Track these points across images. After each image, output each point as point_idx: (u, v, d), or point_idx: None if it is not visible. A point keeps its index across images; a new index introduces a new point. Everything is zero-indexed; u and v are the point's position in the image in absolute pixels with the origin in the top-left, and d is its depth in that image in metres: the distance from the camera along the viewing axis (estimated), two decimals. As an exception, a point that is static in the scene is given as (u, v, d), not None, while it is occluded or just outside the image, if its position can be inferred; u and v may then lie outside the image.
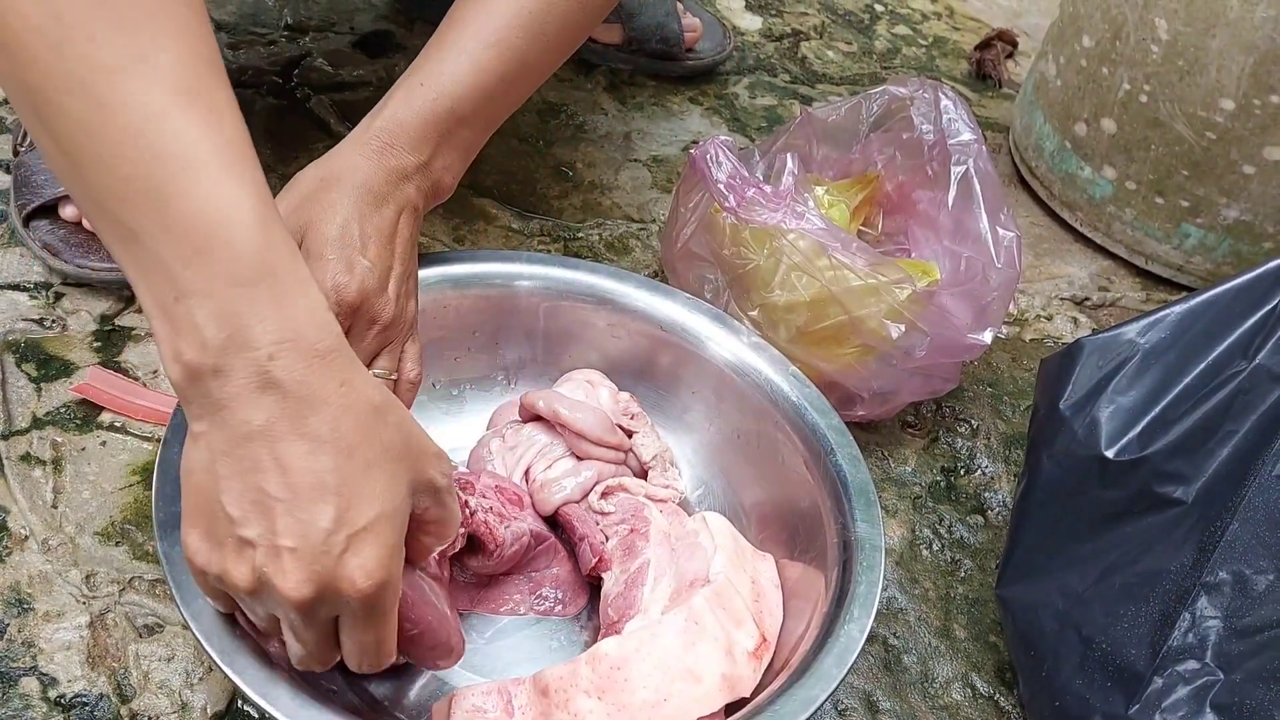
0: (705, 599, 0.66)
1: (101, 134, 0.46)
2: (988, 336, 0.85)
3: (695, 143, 1.21)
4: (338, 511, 0.48)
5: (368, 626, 0.52)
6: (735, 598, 0.67)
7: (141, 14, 0.46)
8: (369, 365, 0.68)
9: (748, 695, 0.64)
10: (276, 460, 0.48)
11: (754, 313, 0.84)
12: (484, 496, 0.71)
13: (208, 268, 0.46)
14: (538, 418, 0.79)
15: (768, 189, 0.84)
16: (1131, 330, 0.73)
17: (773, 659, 0.67)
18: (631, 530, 0.74)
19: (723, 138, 0.88)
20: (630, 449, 0.80)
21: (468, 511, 0.68)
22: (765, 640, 0.67)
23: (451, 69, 0.70)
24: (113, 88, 0.45)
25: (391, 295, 0.67)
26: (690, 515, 0.77)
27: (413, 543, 0.55)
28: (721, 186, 0.84)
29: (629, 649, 0.63)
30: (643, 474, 0.80)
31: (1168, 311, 0.72)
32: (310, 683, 0.58)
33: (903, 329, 0.82)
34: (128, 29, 0.46)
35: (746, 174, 0.85)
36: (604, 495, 0.77)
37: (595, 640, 0.71)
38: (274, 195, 0.53)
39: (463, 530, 0.67)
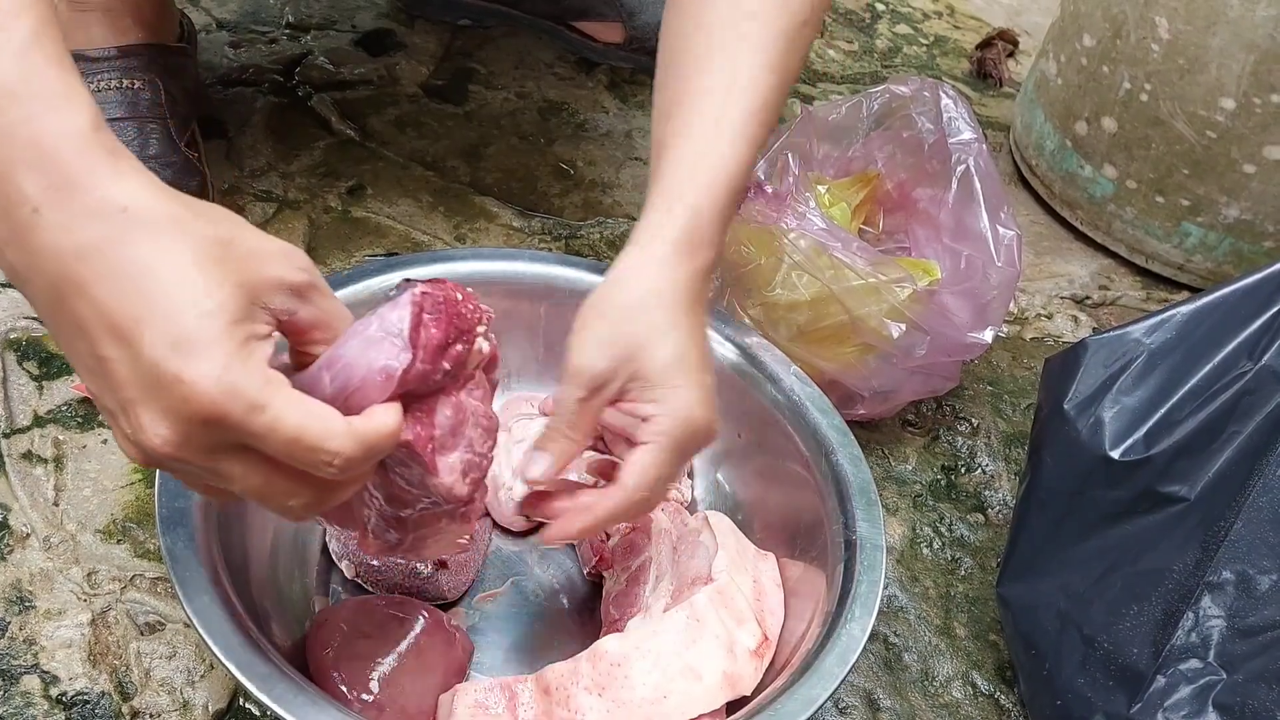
0: (707, 597, 0.66)
1: None
2: (988, 335, 0.85)
3: (696, 141, 1.21)
4: (152, 333, 0.43)
5: (266, 431, 0.45)
6: (737, 596, 0.67)
7: None
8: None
9: (749, 694, 0.64)
10: (79, 320, 0.44)
11: (755, 311, 0.84)
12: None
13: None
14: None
15: (769, 189, 0.84)
16: (1137, 330, 0.73)
17: (774, 657, 0.67)
18: (633, 528, 0.74)
19: None
20: None
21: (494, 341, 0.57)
22: (767, 639, 0.67)
23: (730, 150, 0.66)
24: None
25: (716, 413, 0.65)
26: (693, 514, 0.77)
27: (303, 356, 0.50)
28: None
29: (629, 646, 0.63)
30: None
31: (1174, 312, 0.72)
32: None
33: (903, 328, 0.82)
34: None
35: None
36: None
37: (597, 638, 0.71)
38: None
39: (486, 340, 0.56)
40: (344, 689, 0.63)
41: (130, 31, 0.93)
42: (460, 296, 0.53)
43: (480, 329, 0.54)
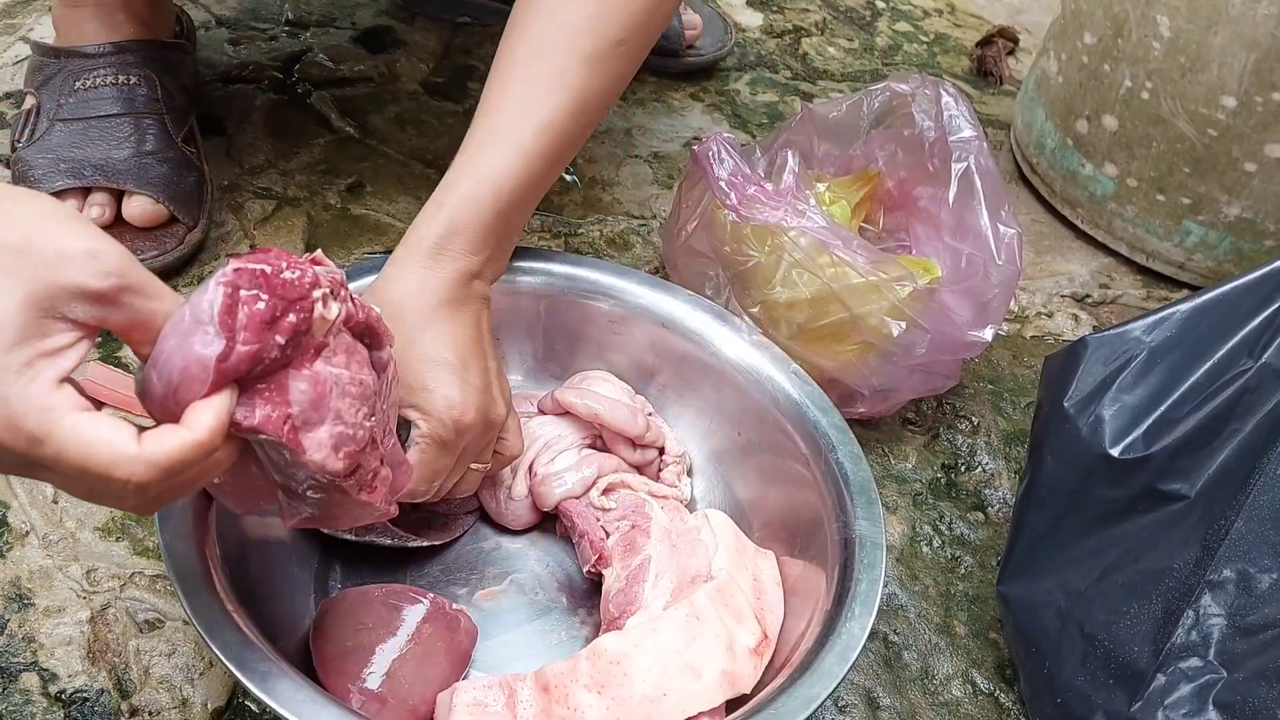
0: (707, 595, 0.66)
1: None
2: (988, 334, 0.85)
3: (696, 139, 1.21)
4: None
5: (51, 462, 0.44)
6: (737, 594, 0.67)
7: None
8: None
9: (748, 691, 0.64)
10: None
11: (755, 310, 0.84)
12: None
13: None
14: (551, 413, 0.79)
15: (769, 187, 0.84)
16: (1137, 328, 0.73)
17: (773, 656, 0.67)
18: (633, 526, 0.74)
19: (725, 135, 0.87)
20: (662, 449, 0.80)
21: (350, 305, 0.53)
22: (766, 637, 0.67)
23: (503, 162, 0.69)
24: None
25: (496, 394, 0.69)
26: (692, 512, 0.77)
27: (142, 356, 0.49)
28: (723, 184, 0.84)
29: (629, 644, 0.63)
30: (655, 474, 0.80)
31: (1174, 310, 0.72)
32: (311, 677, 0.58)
33: (903, 326, 0.82)
34: None
35: (748, 171, 0.85)
36: (605, 491, 0.77)
37: (596, 636, 0.71)
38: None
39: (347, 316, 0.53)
40: (347, 682, 0.63)
41: (124, 27, 0.93)
42: (285, 265, 0.49)
43: (318, 293, 0.50)
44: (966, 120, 0.90)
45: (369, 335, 0.54)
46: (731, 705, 0.64)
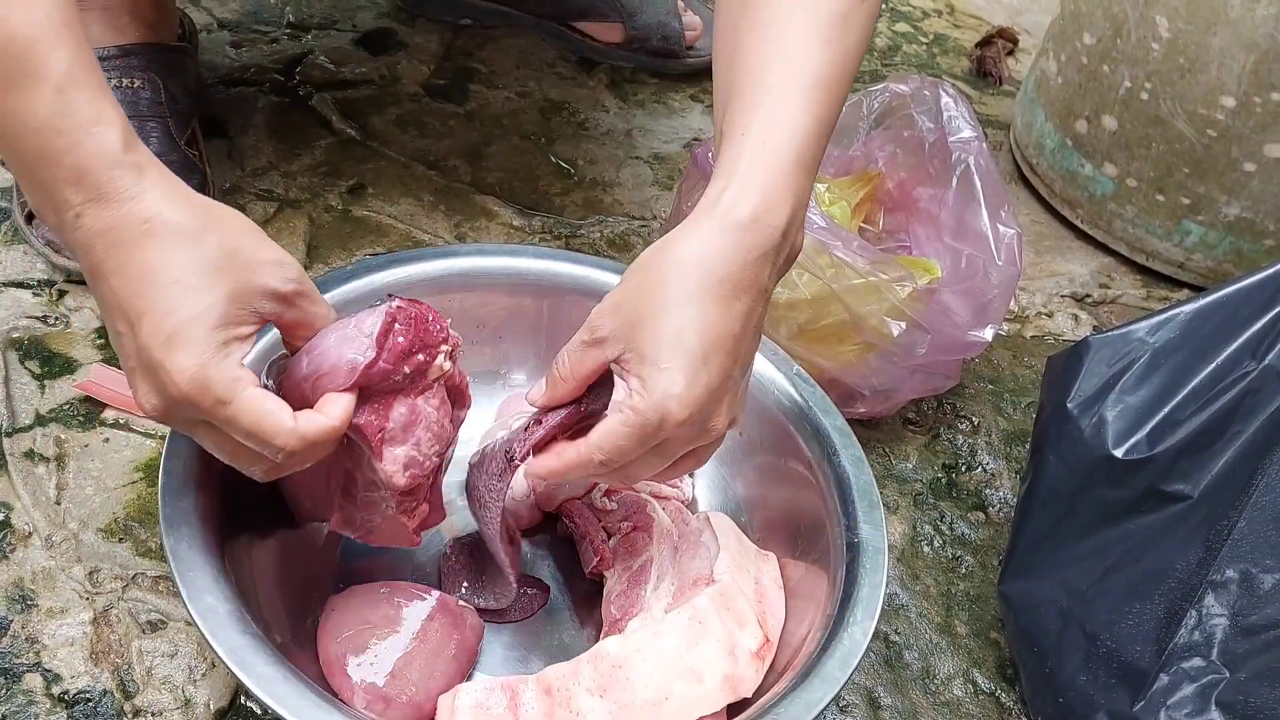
0: (709, 599, 0.66)
1: None
2: (988, 334, 0.85)
3: (697, 140, 1.21)
4: (149, 325, 0.53)
5: (225, 422, 0.55)
6: (739, 598, 0.67)
7: None
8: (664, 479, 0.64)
9: (750, 695, 0.64)
10: (105, 301, 0.55)
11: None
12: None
13: (18, 157, 0.53)
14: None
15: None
16: (1140, 329, 0.73)
17: (775, 659, 0.67)
18: (634, 527, 0.74)
19: None
20: None
21: (457, 367, 0.64)
22: (768, 641, 0.67)
23: (788, 120, 0.62)
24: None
25: (725, 405, 0.61)
26: (694, 513, 0.77)
27: (292, 345, 0.61)
28: None
29: (630, 648, 0.63)
30: None
31: (1177, 311, 0.73)
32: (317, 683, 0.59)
33: (903, 326, 0.82)
34: None
35: None
36: (607, 493, 0.77)
37: (598, 638, 0.71)
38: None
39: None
40: (352, 681, 0.63)
41: (129, 30, 0.93)
42: (431, 317, 0.62)
43: (444, 348, 0.62)
44: (966, 121, 0.90)
45: (457, 396, 0.65)
46: (733, 709, 0.64)
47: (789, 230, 0.61)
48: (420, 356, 0.61)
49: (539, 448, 0.64)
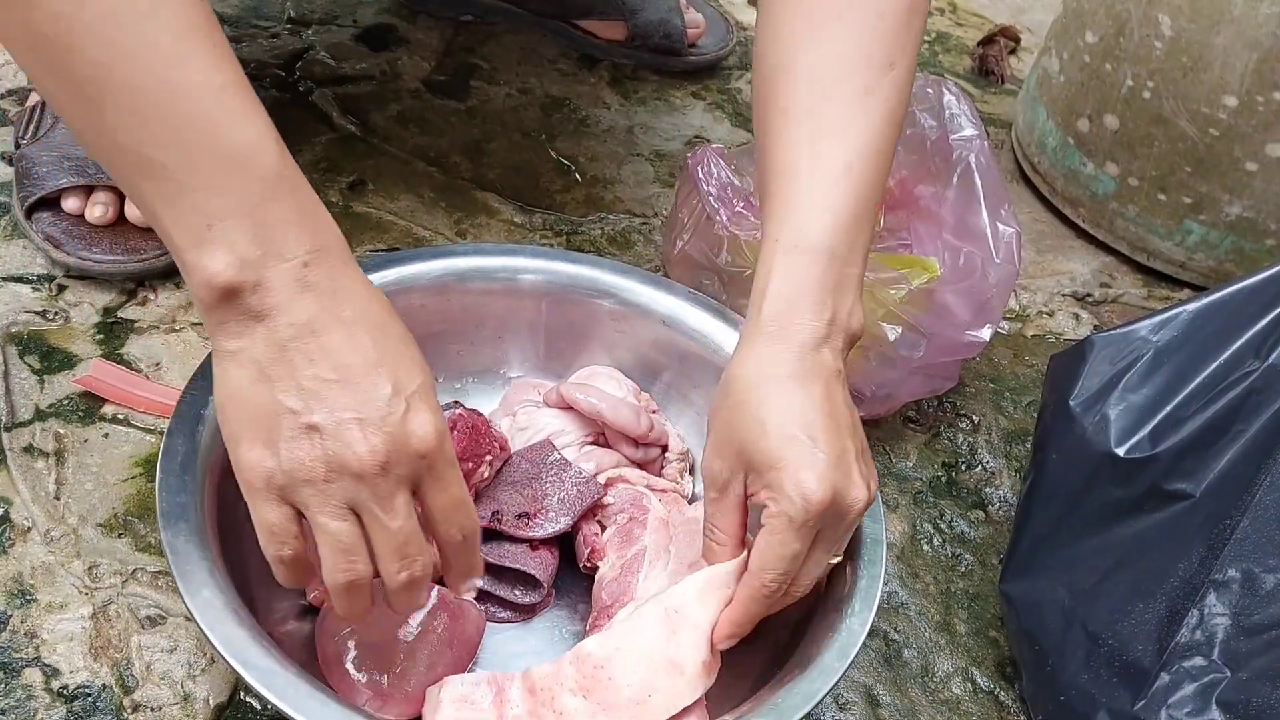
0: (691, 585, 0.65)
1: (124, 75, 0.49)
2: (986, 333, 0.85)
3: (698, 138, 1.21)
4: (394, 380, 0.53)
5: (448, 481, 0.56)
6: (733, 581, 0.67)
7: None
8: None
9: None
10: (324, 349, 0.52)
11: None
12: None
13: (239, 191, 0.50)
14: (556, 406, 0.79)
15: (757, 203, 0.84)
16: (1143, 328, 0.73)
17: (774, 653, 0.67)
18: (630, 519, 0.74)
19: (716, 146, 0.88)
20: (665, 446, 0.80)
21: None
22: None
23: (814, 218, 0.64)
24: (132, 32, 0.48)
25: (857, 479, 0.62)
26: (693, 505, 0.77)
27: None
28: (713, 199, 0.84)
29: (610, 647, 0.62)
30: (658, 471, 0.80)
31: (1180, 310, 0.72)
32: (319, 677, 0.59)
33: (900, 331, 0.82)
34: None
35: (738, 185, 0.85)
36: (605, 486, 0.77)
37: (588, 624, 0.71)
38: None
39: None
40: (351, 677, 0.63)
41: None
42: (484, 429, 0.71)
43: (489, 459, 0.71)
44: (968, 119, 0.90)
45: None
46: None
47: (835, 319, 0.64)
48: (468, 464, 0.69)
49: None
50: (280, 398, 0.52)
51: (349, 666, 0.64)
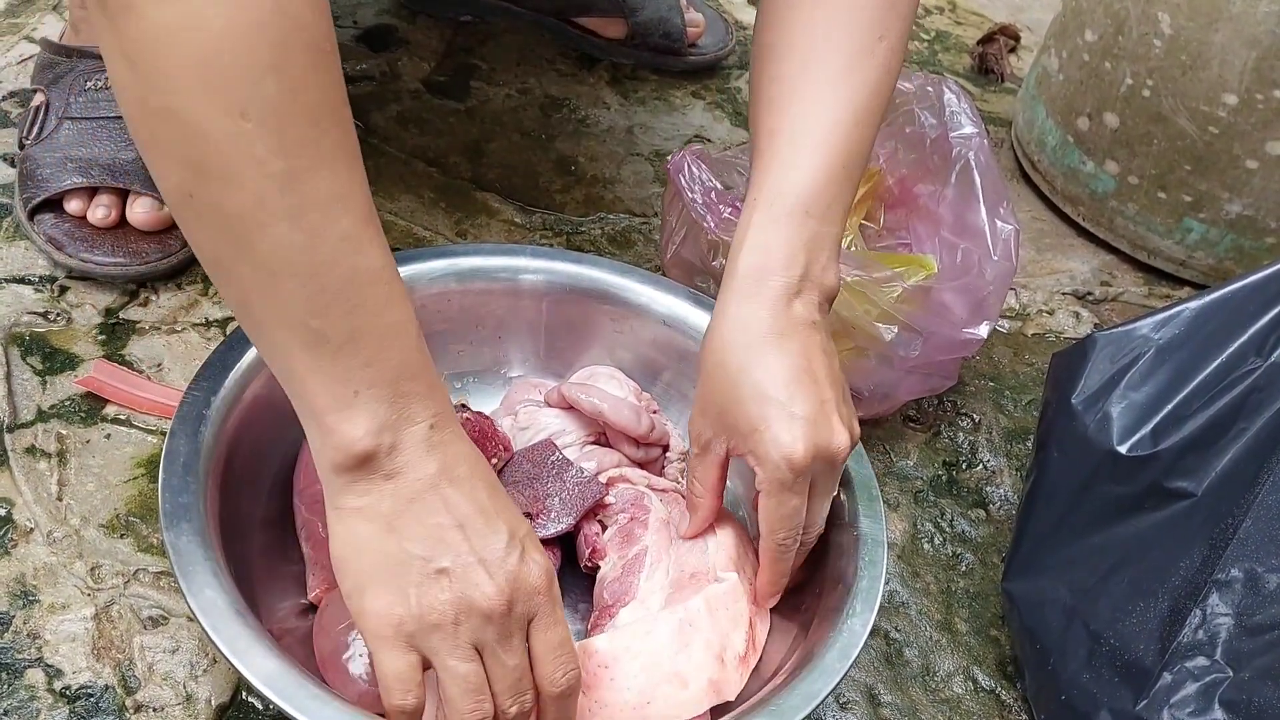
0: (705, 600, 0.65)
1: (309, 256, 0.51)
2: (984, 330, 0.85)
3: (698, 137, 1.21)
4: (509, 526, 0.57)
5: (556, 618, 0.58)
6: (741, 599, 0.67)
7: (334, 148, 0.52)
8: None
9: (733, 699, 0.64)
10: (446, 501, 0.55)
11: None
12: None
13: (385, 364, 0.54)
14: (558, 406, 0.80)
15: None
16: (1145, 326, 0.73)
17: (761, 664, 0.67)
18: (631, 519, 0.74)
19: (696, 148, 0.88)
20: (666, 446, 0.80)
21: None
22: (755, 648, 0.67)
23: (794, 175, 0.66)
24: (323, 217, 0.51)
25: (835, 423, 0.65)
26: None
27: None
28: (699, 205, 0.84)
29: (620, 647, 0.62)
30: (659, 471, 0.80)
31: (1182, 308, 0.72)
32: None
33: (895, 330, 0.82)
34: (328, 164, 0.51)
35: (721, 189, 0.85)
36: (605, 486, 0.77)
37: (589, 624, 0.71)
38: None
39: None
40: (345, 676, 0.63)
41: None
42: (490, 431, 0.73)
43: (493, 460, 0.71)
44: (968, 117, 0.90)
45: None
46: (716, 710, 0.64)
47: (808, 274, 0.66)
48: None
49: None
50: (408, 546, 0.55)
51: (344, 663, 0.64)
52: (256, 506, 0.70)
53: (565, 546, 0.76)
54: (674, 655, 0.63)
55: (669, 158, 0.90)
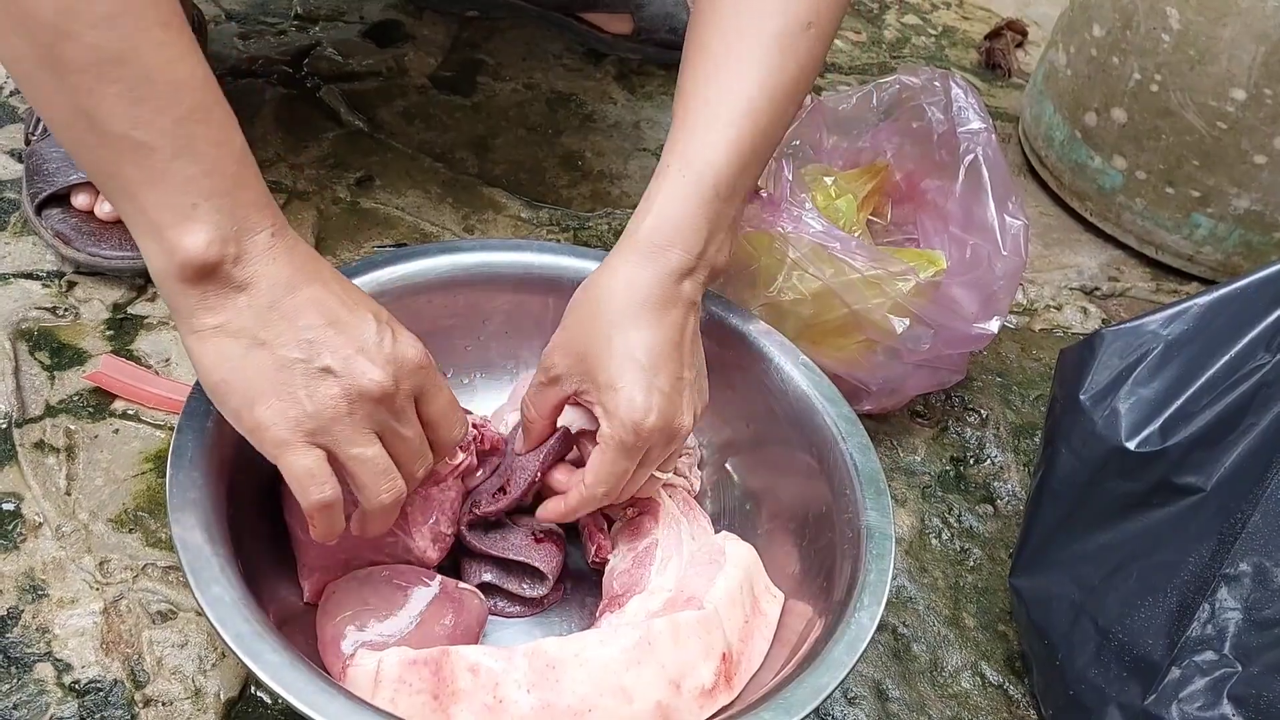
0: (671, 623, 0.63)
1: (128, 67, 0.52)
2: (994, 326, 0.85)
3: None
4: (373, 314, 0.60)
5: (439, 388, 0.63)
6: (716, 631, 0.65)
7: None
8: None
9: None
10: (311, 302, 0.58)
11: (758, 310, 0.83)
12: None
13: (221, 174, 0.55)
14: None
15: (764, 194, 0.84)
16: (1154, 321, 0.73)
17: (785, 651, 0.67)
18: (640, 512, 0.74)
19: None
20: None
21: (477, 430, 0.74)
22: (729, 684, 0.65)
23: (706, 152, 0.68)
24: (134, 22, 0.52)
25: (685, 404, 0.68)
26: (699, 501, 0.77)
27: None
28: None
29: (569, 652, 0.61)
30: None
31: (1191, 303, 0.72)
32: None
33: (906, 323, 0.82)
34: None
35: None
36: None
37: (597, 612, 0.71)
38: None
39: (473, 438, 0.73)
40: (343, 662, 0.63)
41: None
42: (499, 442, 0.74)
43: (462, 456, 0.71)
44: (975, 113, 0.90)
45: (468, 474, 0.74)
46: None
47: (705, 253, 0.68)
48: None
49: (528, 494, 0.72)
50: (283, 353, 0.57)
51: (341, 651, 0.64)
52: (263, 499, 0.70)
53: (575, 545, 0.76)
54: (623, 670, 0.61)
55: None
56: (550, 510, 0.71)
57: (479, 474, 0.74)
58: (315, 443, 0.58)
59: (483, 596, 0.70)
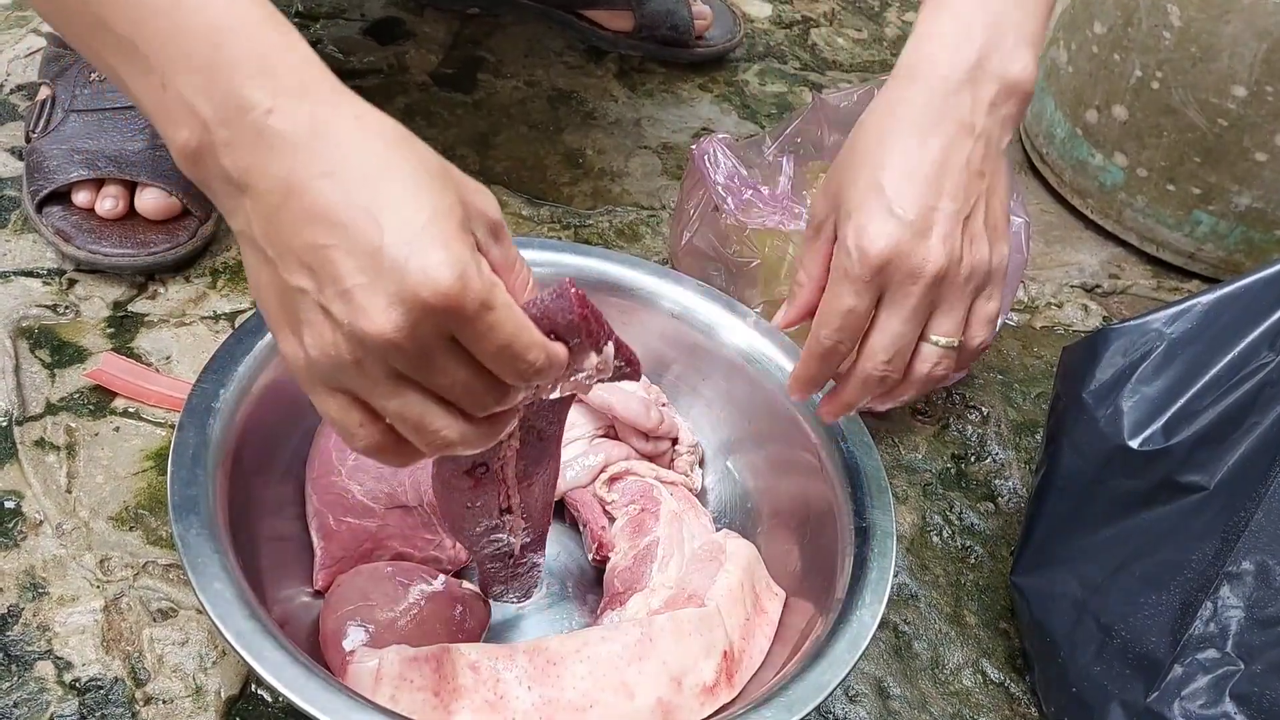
0: (673, 620, 0.64)
1: None
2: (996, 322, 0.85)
3: (706, 130, 1.21)
4: (392, 222, 0.44)
5: (487, 325, 0.45)
6: (718, 629, 0.65)
7: None
8: (923, 330, 0.60)
9: None
10: (310, 210, 0.45)
11: (758, 309, 0.83)
12: None
13: (192, 46, 0.45)
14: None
15: (765, 191, 0.84)
16: (1157, 320, 0.73)
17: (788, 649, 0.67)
18: (641, 510, 0.74)
19: (722, 136, 0.88)
20: (675, 440, 0.80)
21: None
22: (730, 682, 0.65)
23: None
24: None
25: (936, 241, 0.58)
26: (698, 498, 0.77)
27: None
28: (720, 188, 0.84)
29: (570, 649, 0.62)
30: (668, 464, 0.80)
31: (1195, 302, 0.72)
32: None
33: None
34: None
35: (744, 174, 0.85)
36: (612, 480, 0.77)
37: (598, 610, 0.71)
38: None
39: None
40: (343, 657, 0.63)
41: None
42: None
43: (608, 347, 0.55)
44: (977, 110, 0.90)
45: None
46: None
47: (982, 64, 0.58)
48: (587, 339, 0.53)
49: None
50: (287, 277, 0.46)
51: (344, 644, 0.64)
52: (265, 497, 0.70)
53: (576, 543, 0.76)
54: (625, 666, 0.61)
55: (693, 143, 0.89)
56: (794, 378, 0.63)
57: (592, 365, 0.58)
58: (332, 388, 0.47)
59: (485, 597, 0.70)
